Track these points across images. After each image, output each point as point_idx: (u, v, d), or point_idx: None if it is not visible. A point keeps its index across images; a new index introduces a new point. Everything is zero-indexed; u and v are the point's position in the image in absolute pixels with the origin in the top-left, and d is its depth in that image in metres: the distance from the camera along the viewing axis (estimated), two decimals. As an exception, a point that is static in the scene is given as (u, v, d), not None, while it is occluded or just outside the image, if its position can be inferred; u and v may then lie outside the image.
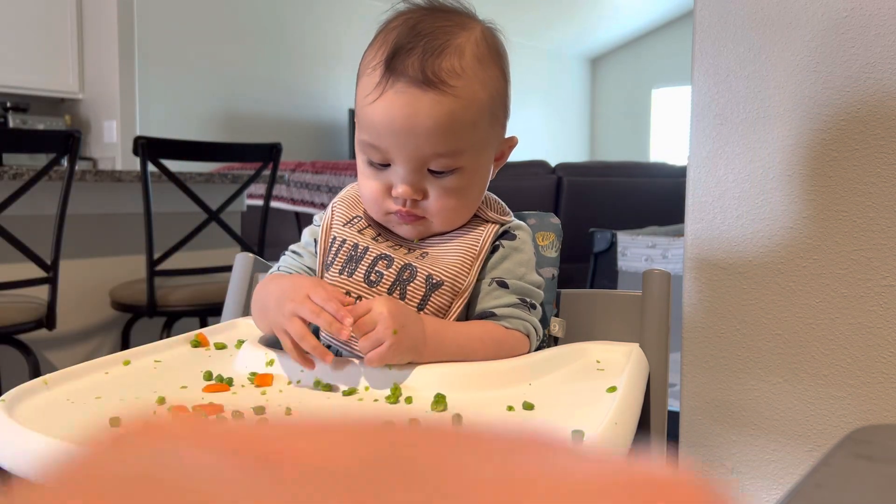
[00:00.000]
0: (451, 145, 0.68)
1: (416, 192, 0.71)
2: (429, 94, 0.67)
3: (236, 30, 4.82)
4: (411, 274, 0.72)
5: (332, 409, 0.61)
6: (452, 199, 0.72)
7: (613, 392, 0.63)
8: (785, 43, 0.98)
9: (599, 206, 3.10)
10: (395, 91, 0.67)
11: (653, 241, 2.32)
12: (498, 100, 0.73)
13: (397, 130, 0.68)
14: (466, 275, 0.73)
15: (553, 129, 7.79)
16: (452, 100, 0.67)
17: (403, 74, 0.67)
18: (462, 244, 0.75)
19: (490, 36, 0.73)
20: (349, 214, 0.79)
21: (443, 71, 0.67)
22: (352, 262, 0.74)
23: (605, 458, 0.14)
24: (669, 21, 7.65)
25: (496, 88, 0.72)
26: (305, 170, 3.37)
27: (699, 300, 1.07)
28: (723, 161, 1.04)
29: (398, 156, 0.69)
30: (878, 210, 0.94)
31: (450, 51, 0.68)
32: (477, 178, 0.73)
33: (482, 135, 0.71)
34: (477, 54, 0.69)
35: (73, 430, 0.54)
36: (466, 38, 0.69)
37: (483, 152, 0.73)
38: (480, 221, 0.77)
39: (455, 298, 0.72)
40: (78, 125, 4.13)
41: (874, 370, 0.95)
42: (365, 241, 0.76)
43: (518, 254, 0.76)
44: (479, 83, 0.69)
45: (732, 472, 1.07)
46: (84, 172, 2.12)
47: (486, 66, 0.70)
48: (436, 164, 0.70)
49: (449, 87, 0.67)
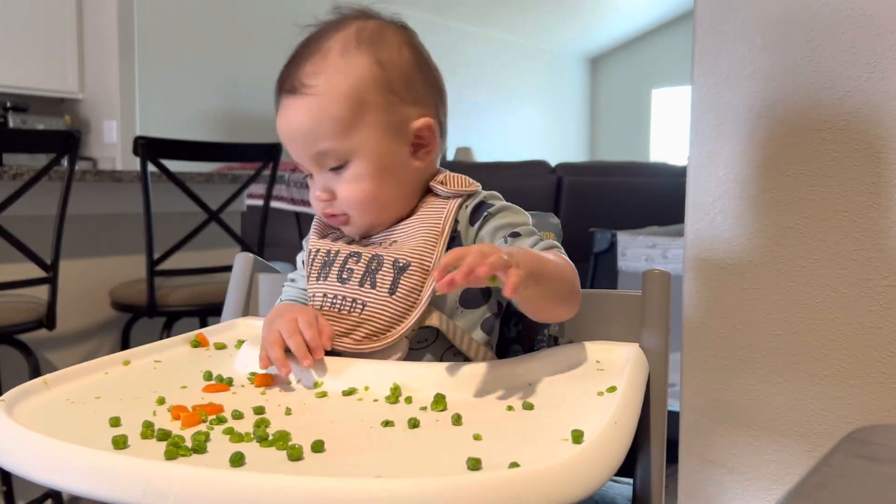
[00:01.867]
0: (324, 140, 0.73)
1: (324, 193, 0.75)
2: (295, 100, 0.73)
3: (236, 30, 4.82)
4: (378, 263, 0.74)
5: (331, 408, 0.61)
6: (357, 189, 0.74)
7: (613, 392, 0.63)
8: (785, 43, 0.98)
9: (599, 206, 3.10)
10: (282, 107, 0.75)
11: (653, 241, 2.32)
12: (369, 86, 0.74)
13: (287, 141, 0.75)
14: (432, 252, 0.73)
15: (553, 129, 7.79)
16: (311, 99, 0.72)
17: (282, 90, 0.75)
18: (424, 224, 0.76)
19: (364, 30, 0.76)
20: (326, 230, 0.82)
21: (304, 75, 0.73)
22: (325, 267, 0.77)
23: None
24: (669, 21, 7.65)
25: (364, 76, 0.74)
26: (305, 170, 3.37)
27: (699, 300, 1.07)
28: (723, 161, 1.04)
29: (302, 163, 0.76)
30: (878, 210, 0.94)
31: (315, 55, 0.74)
32: (379, 163, 0.74)
33: (352, 124, 0.73)
34: (342, 50, 0.74)
35: (72, 430, 0.54)
36: (335, 39, 0.75)
37: (366, 139, 0.73)
38: (436, 199, 0.77)
39: (426, 277, 0.72)
40: (78, 125, 4.13)
41: (874, 370, 0.95)
42: (336, 246, 0.78)
43: (509, 209, 0.77)
44: (339, 76, 0.73)
45: (732, 472, 1.07)
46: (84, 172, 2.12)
47: (350, 59, 0.74)
48: (328, 161, 0.74)
49: (307, 87, 0.73)
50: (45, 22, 3.87)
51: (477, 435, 0.53)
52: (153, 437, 0.53)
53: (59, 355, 2.18)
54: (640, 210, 3.13)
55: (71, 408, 0.60)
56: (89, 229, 2.23)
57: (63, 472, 0.49)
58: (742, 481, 1.06)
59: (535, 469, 0.45)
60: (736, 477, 1.06)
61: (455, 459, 0.48)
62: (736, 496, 1.07)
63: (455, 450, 0.50)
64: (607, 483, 0.52)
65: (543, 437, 0.53)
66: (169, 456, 0.49)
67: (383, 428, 0.55)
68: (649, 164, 4.96)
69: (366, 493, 0.43)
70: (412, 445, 0.53)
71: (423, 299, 0.71)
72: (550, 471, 0.45)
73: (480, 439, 0.53)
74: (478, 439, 0.53)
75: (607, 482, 0.49)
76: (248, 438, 0.52)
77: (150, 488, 0.45)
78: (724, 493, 1.08)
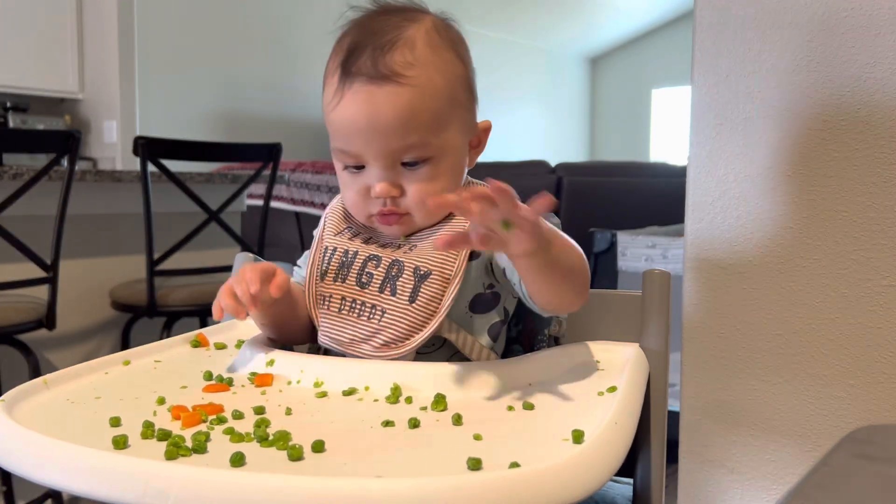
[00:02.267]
0: (416, 135, 0.69)
1: (394, 189, 0.71)
2: (384, 88, 0.68)
3: (236, 30, 4.82)
4: (399, 269, 0.73)
5: (331, 408, 0.61)
6: (432, 188, 0.71)
7: (613, 392, 0.63)
8: (785, 43, 0.98)
9: (599, 206, 3.10)
10: (353, 92, 0.69)
11: (653, 241, 2.32)
12: (458, 83, 0.73)
13: (362, 130, 0.69)
14: (454, 261, 0.72)
15: (553, 129, 7.79)
16: (409, 89, 0.68)
17: (358, 74, 0.69)
18: (448, 231, 0.74)
19: (442, 25, 0.74)
20: (340, 226, 0.80)
21: (395, 63, 0.68)
22: (343, 268, 0.75)
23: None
24: (669, 21, 7.65)
25: (453, 73, 0.72)
26: (305, 170, 3.37)
27: (699, 300, 1.07)
28: (723, 161, 1.04)
29: (369, 155, 0.71)
30: (878, 210, 0.94)
31: (400, 44, 0.69)
32: (451, 165, 0.73)
33: (446, 120, 0.72)
34: (429, 43, 0.71)
35: (73, 430, 0.54)
36: (416, 30, 0.71)
37: (452, 138, 0.73)
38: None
39: (446, 286, 0.71)
40: (78, 125, 4.13)
41: (874, 370, 0.95)
42: (355, 246, 0.76)
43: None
44: (434, 69, 0.70)
45: (732, 472, 1.07)
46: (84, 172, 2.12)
47: (439, 53, 0.71)
48: (407, 157, 0.70)
49: (403, 77, 0.68)
50: (45, 22, 3.87)
51: (477, 435, 0.53)
52: (153, 438, 0.53)
53: (59, 355, 2.18)
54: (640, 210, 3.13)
55: (71, 408, 0.60)
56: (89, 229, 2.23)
57: (63, 472, 0.49)
58: (742, 481, 1.06)
59: (535, 469, 0.45)
60: (736, 477, 1.06)
61: (455, 459, 0.48)
62: (736, 496, 1.07)
63: (455, 450, 0.50)
64: (607, 483, 0.52)
65: (543, 437, 0.53)
66: (169, 456, 0.49)
67: (383, 428, 0.55)
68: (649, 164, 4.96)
69: (366, 493, 0.43)
70: (412, 445, 0.53)
71: (442, 308, 0.70)
72: (550, 471, 0.45)
73: (480, 439, 0.53)
74: (478, 439, 0.53)
75: (607, 482, 0.49)
76: (248, 438, 0.52)
77: (150, 488, 0.45)
78: (724, 493, 1.08)
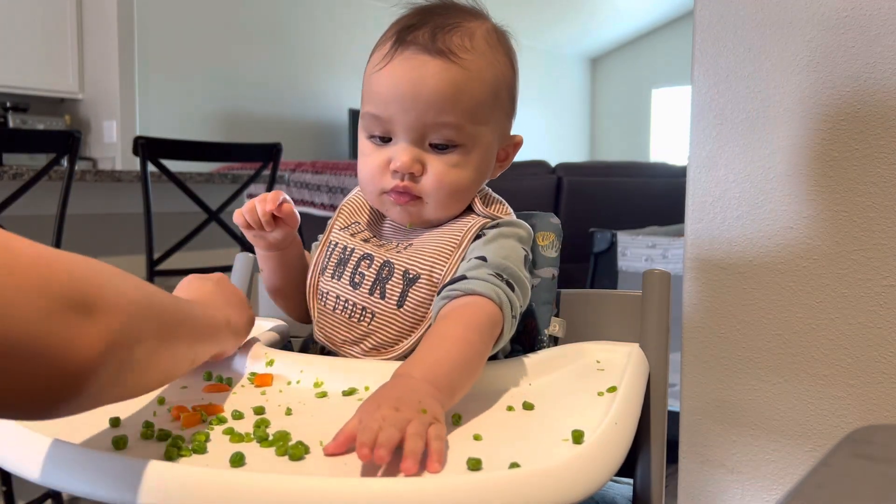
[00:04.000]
0: (454, 115, 0.68)
1: (415, 164, 0.70)
2: (436, 61, 0.68)
3: (236, 30, 4.82)
4: (389, 271, 0.72)
5: (331, 408, 0.61)
6: (450, 176, 0.70)
7: (613, 392, 0.63)
8: (785, 43, 0.98)
9: (599, 206, 3.10)
10: (404, 58, 0.68)
11: (653, 241, 2.32)
12: (504, 85, 0.73)
13: (403, 94, 0.68)
14: (444, 265, 0.71)
15: (553, 129, 7.78)
16: (459, 69, 0.68)
17: (413, 43, 0.68)
18: (444, 235, 0.73)
19: (500, 31, 0.75)
20: (349, 220, 0.79)
21: (452, 43, 0.68)
22: (340, 266, 0.75)
23: None
24: (669, 21, 7.65)
25: (503, 73, 0.73)
26: (305, 170, 3.37)
27: (699, 300, 1.07)
28: (723, 161, 1.04)
29: (401, 124, 0.69)
30: (878, 210, 0.94)
31: (461, 30, 0.70)
32: (478, 160, 0.72)
33: (486, 113, 0.71)
34: (487, 39, 0.71)
35: (73, 430, 0.54)
36: (478, 25, 0.72)
37: (485, 134, 0.72)
38: (470, 215, 0.75)
39: (435, 291, 0.70)
40: (78, 125, 4.13)
41: (874, 370, 0.95)
42: (353, 243, 0.76)
43: (504, 239, 0.72)
44: (486, 61, 0.70)
45: (732, 472, 1.07)
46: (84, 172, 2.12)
47: (494, 51, 0.72)
48: (437, 136, 0.69)
49: (457, 57, 0.68)
50: (45, 22, 3.87)
51: (477, 435, 0.53)
52: (153, 438, 0.53)
53: (59, 355, 2.18)
54: (640, 210, 3.13)
55: (71, 408, 0.60)
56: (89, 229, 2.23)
57: (63, 472, 0.49)
58: (742, 481, 1.06)
59: (535, 469, 0.45)
60: (736, 477, 1.07)
61: (455, 459, 0.48)
62: (736, 496, 1.07)
63: (455, 450, 0.50)
64: (607, 483, 0.52)
65: (543, 437, 0.53)
66: (169, 456, 0.49)
67: (383, 428, 0.55)
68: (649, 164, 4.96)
69: (366, 493, 0.43)
70: (412, 445, 0.52)
71: (431, 313, 0.69)
72: (550, 471, 0.45)
73: (480, 439, 0.53)
74: (478, 439, 0.53)
75: (607, 482, 0.49)
76: (248, 438, 0.52)
77: (150, 488, 0.45)
78: (724, 493, 1.08)
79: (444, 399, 0.54)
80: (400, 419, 0.48)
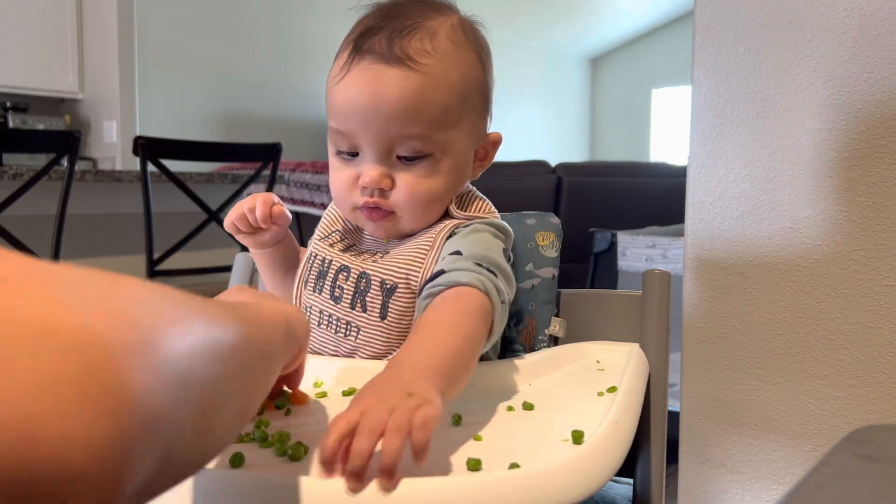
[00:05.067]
0: (418, 125, 0.65)
1: (384, 179, 0.67)
2: (394, 70, 0.64)
3: (236, 30, 4.82)
4: (367, 283, 0.70)
5: (331, 408, 0.61)
6: (421, 188, 0.67)
7: (613, 392, 0.63)
8: (785, 43, 0.98)
9: (599, 206, 3.10)
10: (360, 69, 0.65)
11: (653, 241, 2.32)
12: (474, 85, 0.69)
13: (362, 107, 0.65)
14: (418, 271, 0.68)
15: (553, 129, 7.79)
16: (420, 76, 0.64)
17: (369, 52, 0.65)
18: (417, 240, 0.71)
19: (468, 25, 0.70)
20: (329, 229, 0.77)
21: (410, 48, 0.64)
22: (321, 278, 0.74)
23: None
24: (669, 21, 7.65)
25: (471, 73, 0.68)
26: (305, 170, 3.37)
27: (699, 300, 1.07)
28: (723, 161, 1.04)
29: (364, 138, 0.66)
30: (878, 210, 0.94)
31: (421, 31, 0.65)
32: (451, 167, 0.69)
33: (454, 118, 0.67)
34: (451, 37, 0.67)
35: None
36: (441, 23, 0.68)
37: (457, 139, 0.68)
38: (445, 219, 0.73)
39: (414, 299, 0.68)
40: (78, 125, 4.13)
41: (874, 370, 0.95)
42: (331, 254, 0.74)
43: (478, 234, 0.69)
44: (451, 63, 0.66)
45: (732, 472, 1.07)
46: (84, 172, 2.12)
47: (460, 49, 0.68)
48: (404, 148, 0.66)
49: (416, 63, 0.64)
50: (45, 22, 3.87)
51: (477, 435, 0.53)
52: (153, 438, 0.53)
53: (59, 355, 2.18)
54: (640, 210, 3.13)
55: (71, 408, 0.60)
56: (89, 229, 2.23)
57: (63, 472, 0.49)
58: (742, 481, 1.06)
59: (535, 469, 0.45)
60: (736, 477, 1.06)
61: (455, 459, 0.48)
62: (736, 496, 1.07)
63: (455, 450, 0.50)
64: (607, 483, 0.52)
65: (543, 437, 0.53)
66: (169, 456, 0.49)
67: (383, 428, 0.55)
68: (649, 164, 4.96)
69: (365, 493, 0.43)
70: (412, 445, 0.52)
71: (416, 316, 0.67)
72: (550, 471, 0.45)
73: (480, 439, 0.53)
74: (478, 440, 0.53)
75: (607, 482, 0.49)
76: (248, 438, 0.52)
77: (150, 488, 0.45)
78: (724, 493, 1.08)
79: (440, 382, 0.49)
80: (380, 411, 0.43)
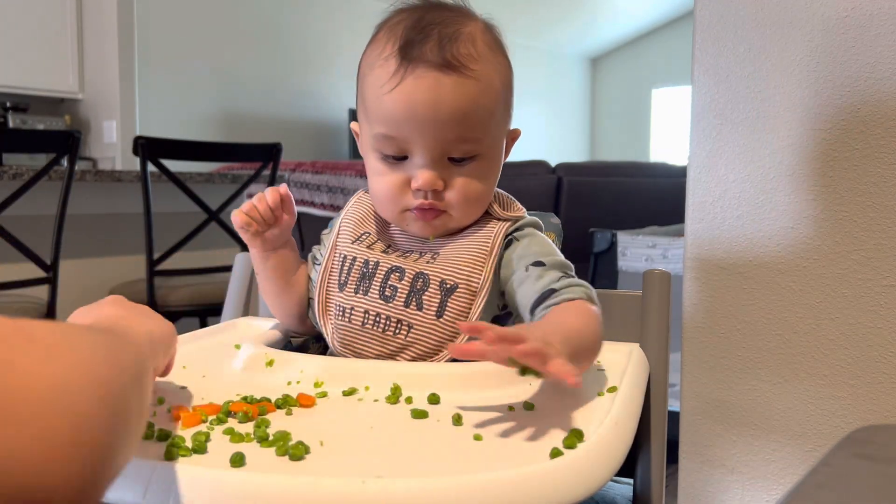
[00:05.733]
0: (472, 129, 0.69)
1: (438, 181, 0.69)
2: (451, 78, 0.66)
3: (236, 30, 4.82)
4: (424, 282, 0.71)
5: (331, 408, 0.61)
6: (473, 188, 0.71)
7: (614, 392, 0.63)
8: (785, 43, 0.98)
9: (599, 206, 3.10)
10: (416, 77, 0.66)
11: (653, 241, 2.32)
12: (508, 87, 0.74)
13: (420, 116, 0.67)
14: (480, 273, 0.72)
15: (553, 129, 7.78)
16: (474, 83, 0.67)
17: (422, 60, 0.66)
18: (473, 242, 0.74)
19: (491, 27, 0.74)
20: (357, 232, 0.78)
21: (461, 55, 0.67)
22: (365, 280, 0.74)
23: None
24: (669, 21, 7.65)
25: (506, 76, 0.73)
26: (305, 170, 3.37)
27: (699, 300, 1.07)
28: (723, 161, 1.04)
29: (419, 144, 0.68)
30: (878, 210, 0.94)
31: (464, 37, 0.68)
32: (494, 166, 0.74)
33: (498, 120, 0.72)
34: (486, 42, 0.71)
35: (73, 430, 0.54)
36: (474, 27, 0.71)
37: (498, 139, 0.74)
38: (490, 219, 0.76)
39: (473, 300, 0.71)
40: (78, 125, 4.13)
41: (874, 370, 0.95)
42: (375, 256, 0.75)
43: (535, 238, 0.75)
44: (492, 68, 0.70)
45: (732, 472, 1.07)
46: (84, 172, 2.12)
47: (495, 53, 0.72)
48: (457, 151, 0.69)
49: (470, 70, 0.67)
50: (45, 22, 3.87)
51: (477, 435, 0.53)
52: (153, 438, 0.53)
53: (59, 355, 2.18)
54: (640, 210, 3.13)
55: (71, 408, 0.60)
56: (89, 229, 2.23)
57: (63, 472, 0.49)
58: (742, 481, 1.06)
59: (535, 469, 0.45)
60: (736, 477, 1.06)
61: (455, 459, 0.48)
62: (736, 496, 1.07)
63: (455, 450, 0.50)
64: (607, 483, 0.52)
65: (543, 437, 0.53)
66: (169, 456, 0.49)
67: (383, 428, 0.55)
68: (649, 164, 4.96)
69: (366, 493, 0.43)
70: (412, 445, 0.53)
71: (472, 321, 0.70)
72: (550, 471, 0.45)
73: (480, 439, 0.53)
74: (478, 439, 0.53)
75: (607, 482, 0.49)
76: (248, 438, 0.52)
77: (150, 489, 0.45)
78: (724, 493, 1.08)
79: (569, 350, 0.55)
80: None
